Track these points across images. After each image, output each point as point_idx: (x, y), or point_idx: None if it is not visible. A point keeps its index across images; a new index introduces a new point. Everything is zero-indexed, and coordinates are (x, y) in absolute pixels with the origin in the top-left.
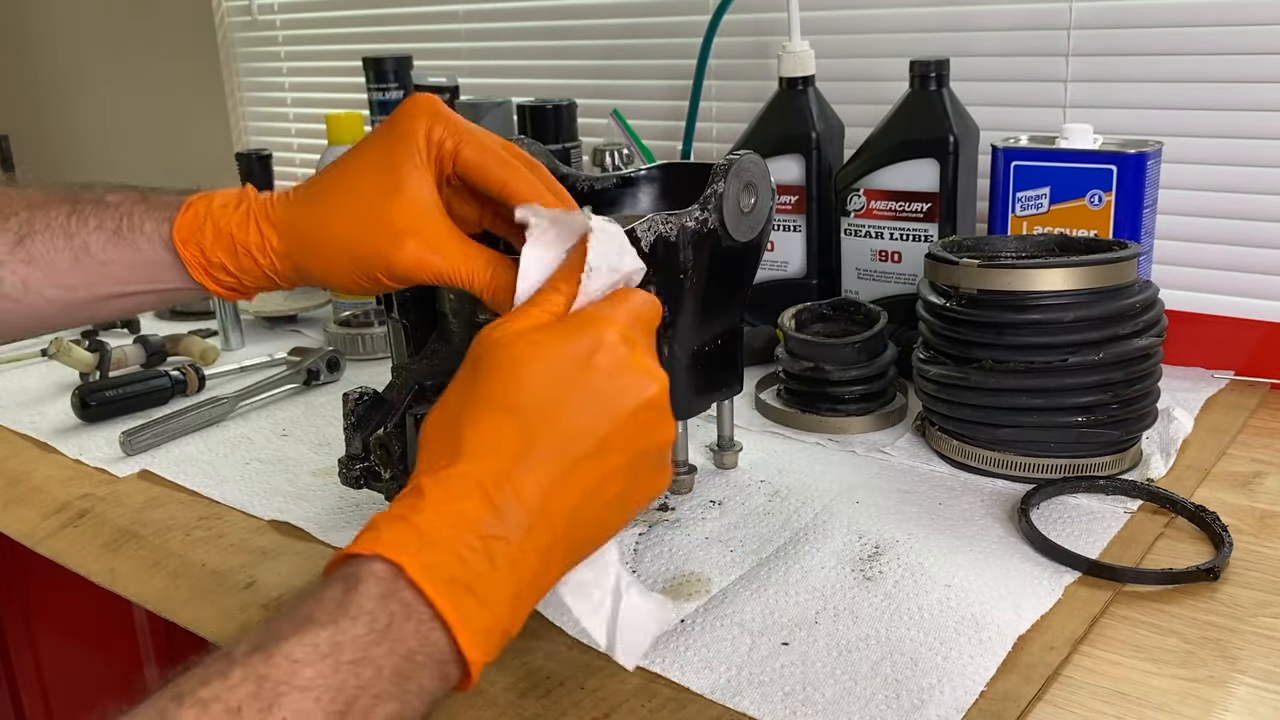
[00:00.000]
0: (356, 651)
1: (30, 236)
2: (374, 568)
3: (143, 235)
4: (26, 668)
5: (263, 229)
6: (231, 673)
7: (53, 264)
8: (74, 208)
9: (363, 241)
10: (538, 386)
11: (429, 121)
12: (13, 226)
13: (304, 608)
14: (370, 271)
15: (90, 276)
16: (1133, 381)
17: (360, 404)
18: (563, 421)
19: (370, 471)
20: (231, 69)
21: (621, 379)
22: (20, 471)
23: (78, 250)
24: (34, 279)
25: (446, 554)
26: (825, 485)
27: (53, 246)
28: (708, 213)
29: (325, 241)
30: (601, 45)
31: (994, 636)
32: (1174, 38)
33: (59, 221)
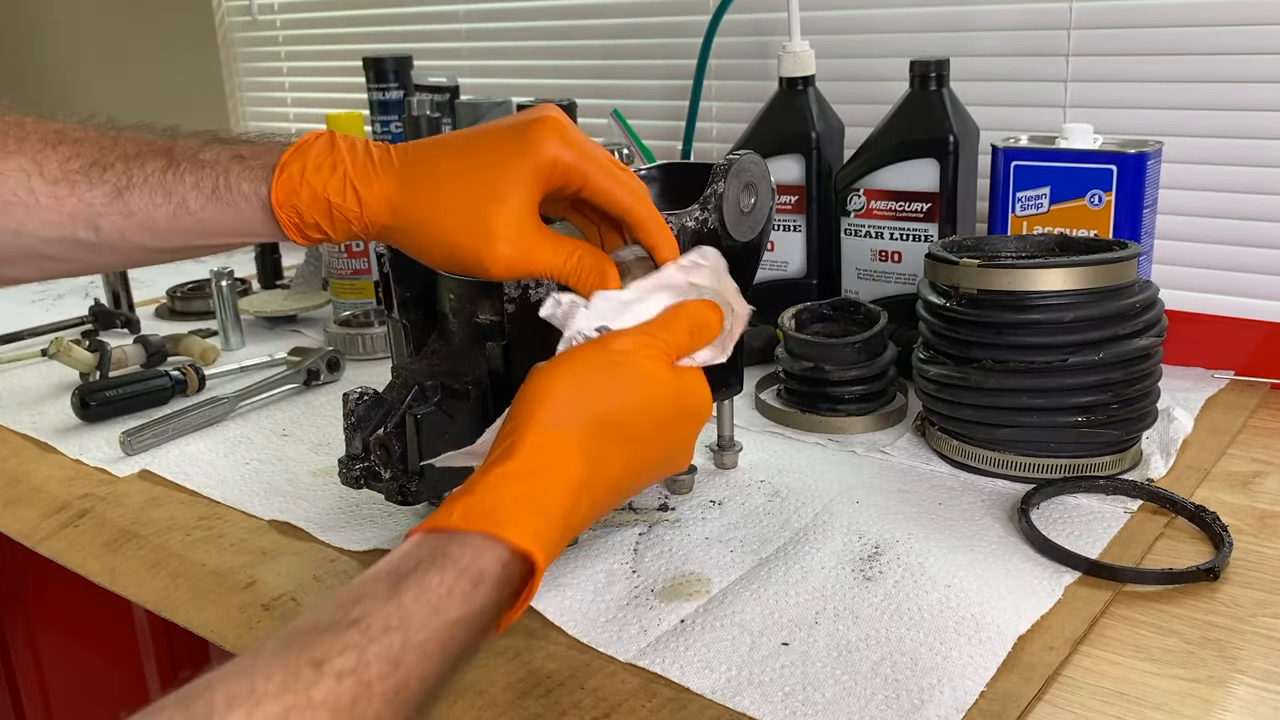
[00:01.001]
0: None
1: (129, 189)
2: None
3: (241, 196)
4: (26, 668)
5: (362, 197)
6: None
7: (151, 218)
8: (170, 161)
9: (459, 241)
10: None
11: (559, 148)
12: (110, 179)
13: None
14: (465, 265)
15: (187, 229)
16: (1133, 381)
17: (360, 404)
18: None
19: (370, 471)
20: (231, 69)
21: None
22: (20, 471)
23: (176, 207)
24: (131, 230)
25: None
26: (825, 485)
27: (151, 201)
28: (708, 213)
29: (424, 231)
30: (601, 45)
31: (994, 636)
32: (1174, 38)
33: (156, 177)
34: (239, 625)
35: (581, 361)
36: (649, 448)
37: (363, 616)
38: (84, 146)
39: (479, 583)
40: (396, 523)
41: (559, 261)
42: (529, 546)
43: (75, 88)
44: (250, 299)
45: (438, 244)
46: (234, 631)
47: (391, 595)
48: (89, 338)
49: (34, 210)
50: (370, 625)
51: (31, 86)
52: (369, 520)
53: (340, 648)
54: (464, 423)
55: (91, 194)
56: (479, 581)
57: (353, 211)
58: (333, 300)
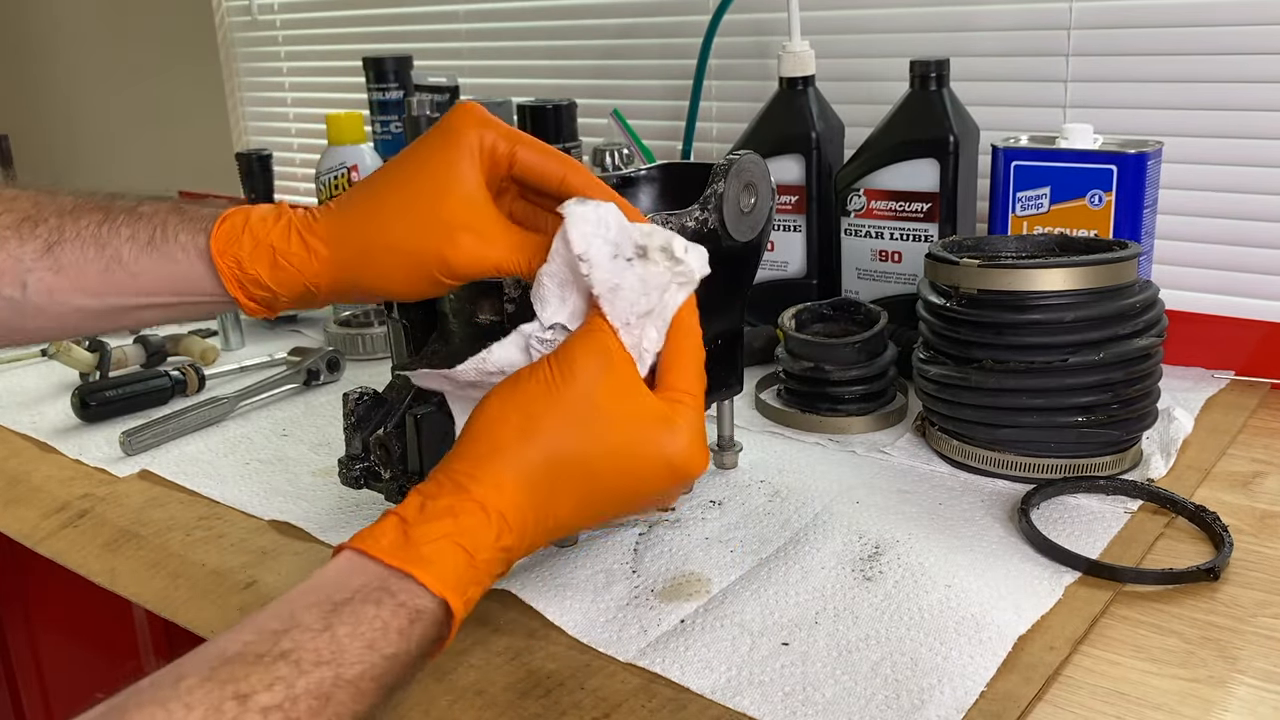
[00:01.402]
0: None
1: (60, 244)
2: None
3: (177, 245)
4: (26, 668)
5: (308, 240)
6: (297, 683)
7: (82, 272)
8: (106, 216)
9: (419, 243)
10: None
11: (479, 128)
12: (41, 234)
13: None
14: (429, 272)
15: (120, 286)
16: (1133, 381)
17: (360, 404)
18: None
19: (370, 471)
20: (231, 69)
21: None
22: (20, 471)
23: (109, 260)
24: (61, 287)
25: (481, 588)
26: (825, 485)
27: (83, 256)
28: (708, 213)
29: (381, 245)
30: (601, 45)
31: (994, 636)
32: (1174, 38)
33: (90, 230)
34: None
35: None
36: (611, 499)
37: (294, 648)
38: (17, 203)
39: (415, 620)
40: None
41: (524, 257)
42: (446, 594)
43: (75, 89)
44: None
45: (394, 260)
46: None
47: (325, 628)
48: (89, 338)
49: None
50: (301, 659)
51: (31, 88)
52: (369, 520)
53: (268, 681)
54: None
55: (21, 249)
56: (415, 619)
57: (298, 255)
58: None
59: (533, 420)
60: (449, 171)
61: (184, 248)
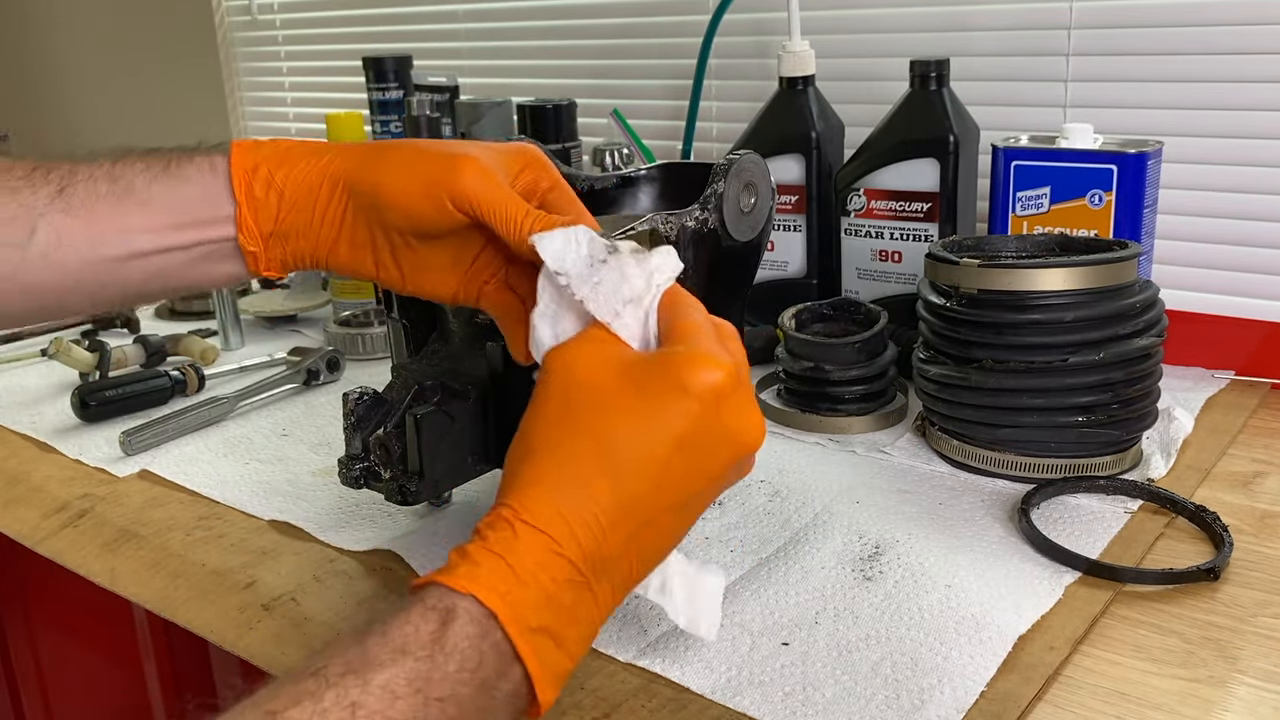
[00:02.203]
0: (446, 689)
1: (73, 186)
2: (470, 607)
3: (192, 166)
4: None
5: (322, 148)
6: (324, 695)
7: (92, 210)
8: (122, 155)
9: (432, 151)
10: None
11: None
12: (54, 179)
13: (397, 633)
14: (438, 184)
15: (128, 222)
16: (1133, 381)
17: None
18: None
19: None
20: (231, 69)
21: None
22: (20, 471)
23: (121, 192)
24: (69, 231)
25: (537, 599)
26: (825, 485)
27: (94, 190)
28: (708, 213)
29: (393, 146)
30: (601, 45)
31: (994, 636)
32: (1174, 38)
33: (103, 169)
34: (239, 625)
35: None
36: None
37: (325, 665)
38: (31, 160)
39: (447, 620)
40: (396, 523)
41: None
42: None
43: (75, 89)
44: (250, 299)
45: (407, 158)
46: (234, 631)
47: (356, 642)
48: (88, 337)
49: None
50: (328, 673)
51: (31, 86)
52: (369, 520)
53: (296, 696)
54: (464, 423)
55: (34, 196)
56: (447, 619)
57: (311, 148)
58: (332, 300)
59: (530, 433)
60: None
61: (199, 168)
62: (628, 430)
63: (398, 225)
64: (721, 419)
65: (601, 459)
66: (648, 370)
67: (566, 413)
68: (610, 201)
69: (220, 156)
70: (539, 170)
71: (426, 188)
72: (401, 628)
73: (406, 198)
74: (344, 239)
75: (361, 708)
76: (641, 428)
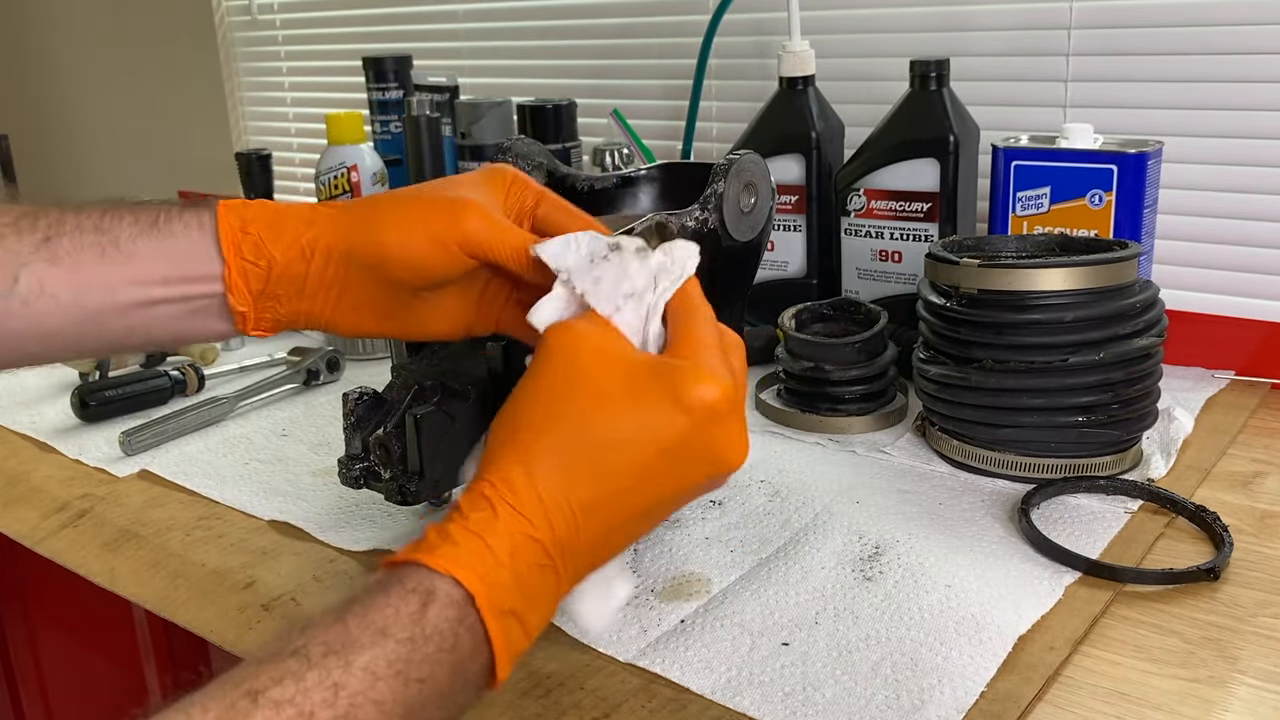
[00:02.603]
0: (425, 670)
1: (59, 236)
2: (450, 590)
3: (180, 223)
4: (26, 668)
5: (315, 206)
6: (306, 675)
7: (76, 261)
8: (111, 207)
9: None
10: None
11: (511, 173)
12: (41, 227)
13: (377, 614)
14: (443, 234)
15: (113, 275)
16: (1133, 381)
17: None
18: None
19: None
20: (231, 69)
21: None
22: (20, 471)
23: (106, 244)
24: (52, 279)
25: (511, 583)
26: (825, 485)
27: (80, 242)
28: (708, 213)
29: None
30: (601, 45)
31: (994, 637)
32: (1174, 38)
33: (91, 220)
34: (239, 625)
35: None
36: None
37: (305, 644)
38: (20, 206)
39: (428, 602)
40: (396, 523)
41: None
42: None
43: (75, 89)
44: None
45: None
46: (234, 631)
47: (336, 621)
48: None
49: None
50: (310, 652)
51: (31, 87)
52: (369, 520)
53: (278, 676)
54: (464, 423)
55: (19, 243)
56: (428, 600)
57: (301, 214)
58: None
59: (521, 408)
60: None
61: (186, 224)
62: (619, 430)
63: (406, 281)
64: (709, 437)
65: (588, 452)
66: (649, 376)
67: (562, 398)
68: (610, 201)
69: (208, 214)
70: (521, 190)
71: (433, 240)
72: (382, 609)
73: (413, 252)
74: (346, 301)
75: (344, 689)
76: (633, 431)
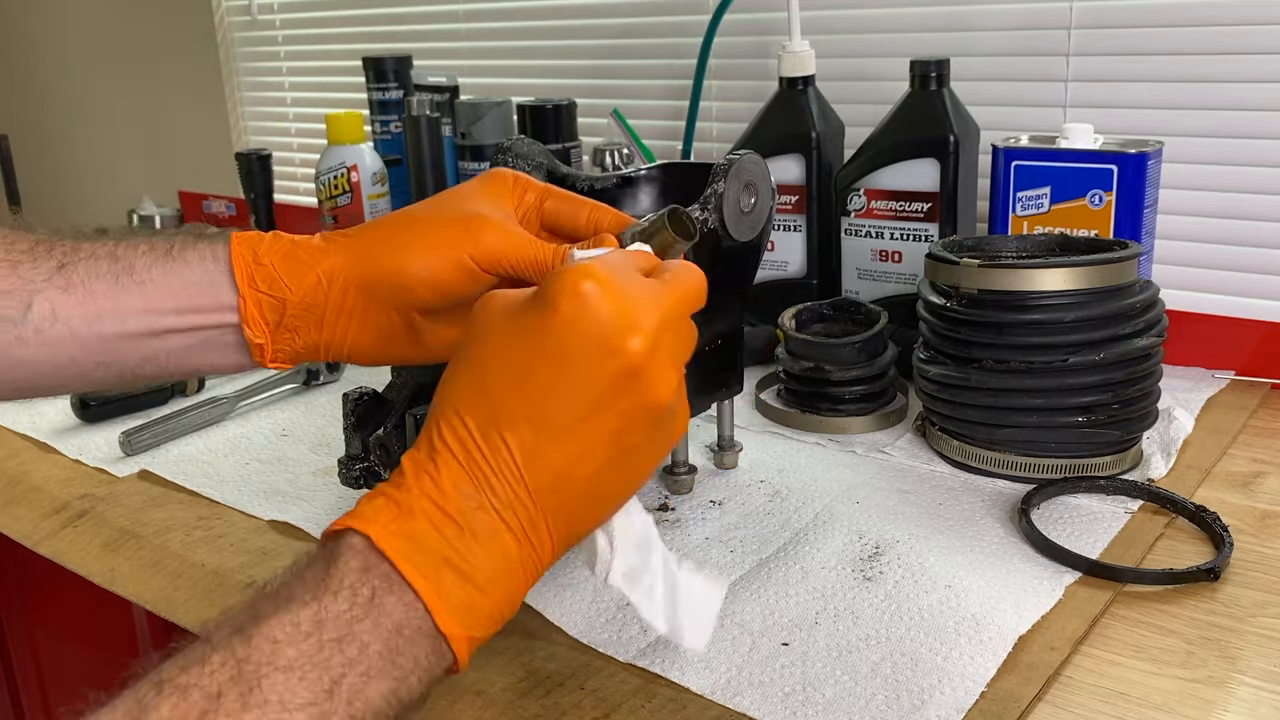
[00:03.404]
0: (340, 628)
1: (74, 264)
2: (352, 541)
3: (194, 252)
4: (26, 668)
5: (329, 235)
6: (211, 658)
7: (90, 289)
8: (125, 237)
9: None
10: (506, 348)
11: (513, 176)
12: (57, 255)
13: (285, 588)
14: (459, 252)
15: (126, 304)
16: (1133, 381)
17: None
18: (529, 386)
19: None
20: (231, 69)
21: (590, 336)
22: (20, 471)
23: (120, 272)
24: (65, 307)
25: (422, 523)
26: (825, 485)
27: (94, 270)
28: (708, 213)
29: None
30: (601, 45)
31: (994, 637)
32: (1174, 38)
33: (105, 249)
34: None
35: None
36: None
37: (213, 631)
38: (36, 233)
39: (331, 559)
40: None
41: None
42: (351, 523)
43: (74, 89)
44: None
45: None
46: None
47: (247, 605)
48: None
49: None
50: (216, 636)
51: (31, 87)
52: None
53: (185, 664)
54: None
55: (34, 271)
56: (331, 559)
57: (315, 244)
58: None
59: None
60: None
61: (201, 254)
62: (500, 349)
63: (429, 304)
64: (588, 320)
65: (478, 380)
66: (528, 296)
67: (460, 348)
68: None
69: (221, 245)
70: (524, 190)
71: (453, 261)
72: (290, 583)
73: (435, 275)
74: (366, 330)
75: (247, 661)
76: (511, 344)
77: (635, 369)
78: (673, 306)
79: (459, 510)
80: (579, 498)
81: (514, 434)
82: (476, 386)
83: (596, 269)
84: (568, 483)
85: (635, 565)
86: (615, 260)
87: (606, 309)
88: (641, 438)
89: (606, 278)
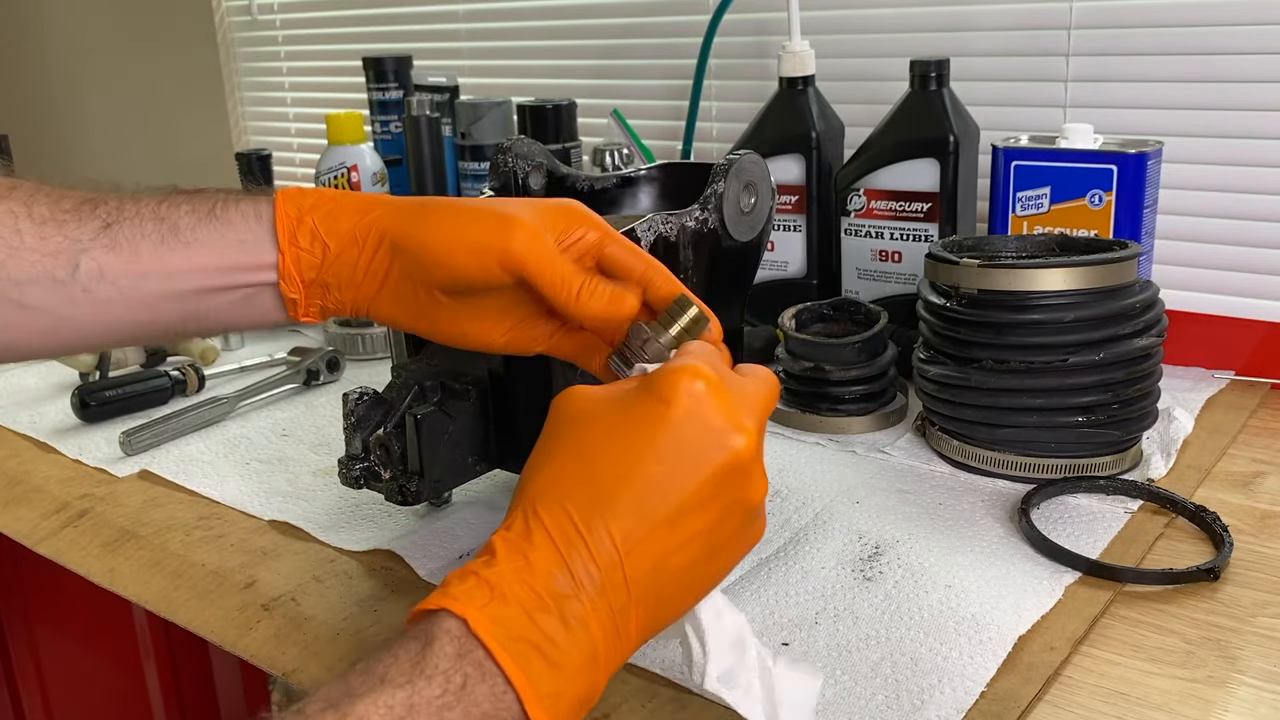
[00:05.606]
0: (431, 714)
1: (119, 222)
2: (447, 624)
3: (237, 211)
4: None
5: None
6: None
7: (136, 249)
8: (168, 195)
9: (482, 211)
10: (612, 440)
11: (580, 213)
12: (101, 214)
13: (379, 665)
14: (490, 245)
15: (172, 262)
16: (1133, 381)
17: (360, 404)
18: (637, 477)
19: (370, 471)
20: (231, 69)
21: (701, 433)
22: (20, 471)
23: (165, 231)
24: (111, 266)
25: (515, 609)
26: (825, 485)
27: (140, 230)
28: (708, 213)
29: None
30: (601, 45)
31: (994, 637)
32: (1174, 38)
33: (149, 207)
34: (239, 625)
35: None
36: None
37: (306, 704)
38: (80, 190)
39: (428, 642)
40: (396, 523)
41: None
42: (447, 604)
43: (75, 89)
44: None
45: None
46: (234, 632)
47: (339, 679)
48: None
49: (17, 251)
50: (308, 709)
51: (31, 87)
52: (369, 520)
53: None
54: (464, 423)
55: (80, 230)
56: (428, 642)
57: (358, 200)
58: None
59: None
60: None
61: (244, 213)
62: (606, 440)
63: (442, 282)
64: (698, 419)
65: (581, 469)
66: (633, 389)
67: (554, 437)
68: (610, 201)
69: (265, 203)
70: (586, 227)
71: (473, 248)
72: (383, 659)
73: (452, 257)
74: (387, 292)
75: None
76: (618, 436)
77: (741, 466)
78: (766, 409)
79: (553, 596)
80: (670, 588)
81: (619, 523)
82: (580, 475)
83: (705, 370)
84: (662, 573)
85: (731, 665)
86: (716, 359)
87: (716, 408)
88: (734, 532)
89: (716, 380)
